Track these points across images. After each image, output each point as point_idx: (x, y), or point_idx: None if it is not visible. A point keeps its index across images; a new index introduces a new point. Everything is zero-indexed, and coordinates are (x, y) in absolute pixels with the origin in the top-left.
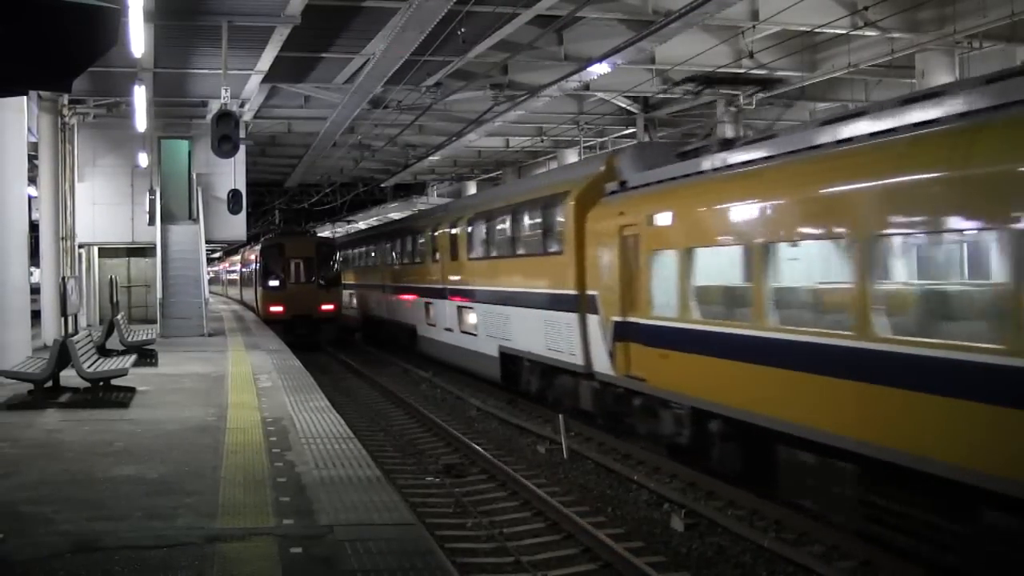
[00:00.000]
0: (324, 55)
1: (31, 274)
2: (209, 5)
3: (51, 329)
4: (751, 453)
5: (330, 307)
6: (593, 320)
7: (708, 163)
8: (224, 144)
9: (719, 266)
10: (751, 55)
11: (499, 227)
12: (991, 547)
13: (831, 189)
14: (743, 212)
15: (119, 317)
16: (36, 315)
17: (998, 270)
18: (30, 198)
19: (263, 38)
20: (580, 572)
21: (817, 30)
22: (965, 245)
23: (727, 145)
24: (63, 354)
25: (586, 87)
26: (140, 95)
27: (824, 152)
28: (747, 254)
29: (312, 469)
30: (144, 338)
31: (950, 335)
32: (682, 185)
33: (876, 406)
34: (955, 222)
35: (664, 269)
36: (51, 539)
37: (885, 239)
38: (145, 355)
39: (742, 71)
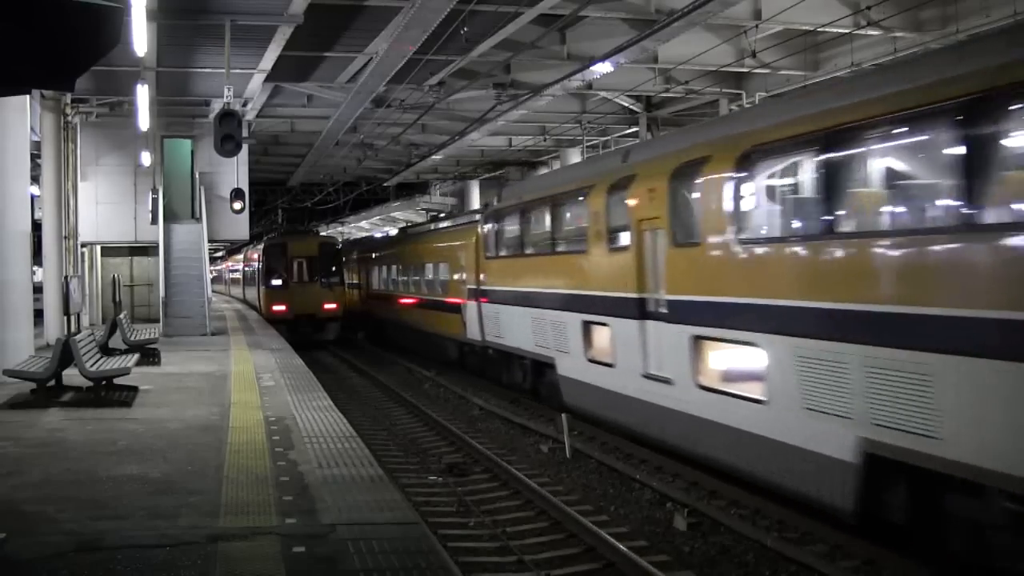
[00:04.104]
0: (327, 54)
1: (34, 273)
2: (212, 4)
3: (54, 328)
4: None
5: (333, 306)
6: None
7: None
8: (227, 143)
9: None
10: (754, 54)
11: None
12: None
13: None
14: None
15: (122, 316)
16: (39, 314)
17: None
18: (33, 197)
19: (266, 37)
20: (583, 571)
21: (820, 29)
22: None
23: None
24: (66, 353)
25: (589, 86)
26: (143, 94)
27: None
28: None
29: (315, 468)
30: (147, 337)
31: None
32: None
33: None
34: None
35: None
36: (54, 538)
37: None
38: (148, 354)
39: (745, 70)
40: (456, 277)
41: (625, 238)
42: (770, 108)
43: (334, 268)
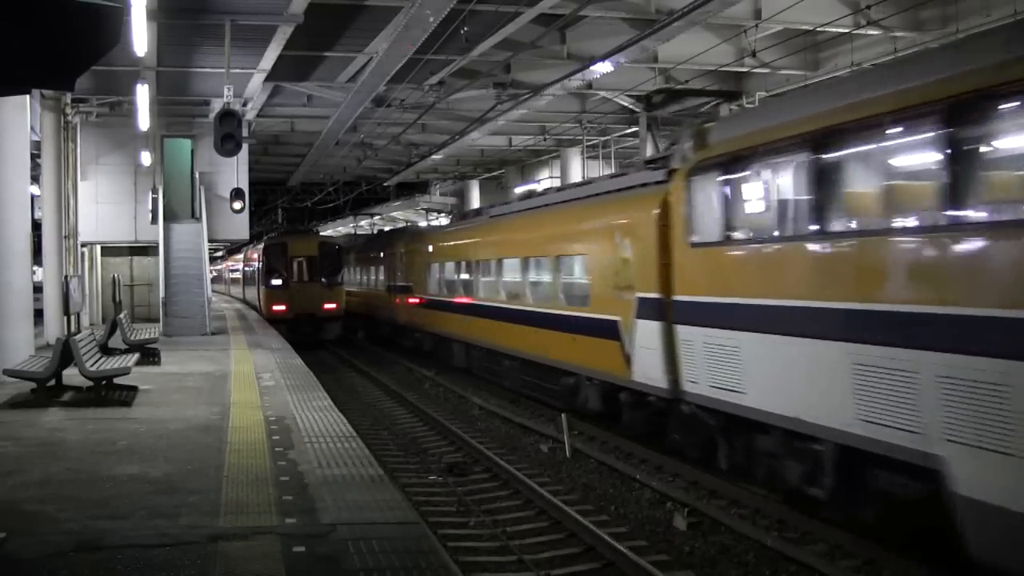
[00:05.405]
0: (327, 54)
1: (34, 273)
2: (212, 4)
3: (54, 328)
4: None
5: (333, 306)
6: None
7: None
8: (227, 143)
9: None
10: (754, 54)
11: None
12: None
13: None
14: None
15: (122, 316)
16: (39, 314)
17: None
18: (33, 197)
19: (266, 37)
20: (583, 571)
21: (820, 29)
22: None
23: None
24: (66, 353)
25: (589, 86)
26: (143, 94)
27: None
28: None
29: (315, 468)
30: (147, 337)
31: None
32: None
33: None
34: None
35: None
36: (54, 538)
37: None
38: (148, 354)
39: (745, 70)
40: (607, 279)
41: None
42: None
43: (334, 268)
